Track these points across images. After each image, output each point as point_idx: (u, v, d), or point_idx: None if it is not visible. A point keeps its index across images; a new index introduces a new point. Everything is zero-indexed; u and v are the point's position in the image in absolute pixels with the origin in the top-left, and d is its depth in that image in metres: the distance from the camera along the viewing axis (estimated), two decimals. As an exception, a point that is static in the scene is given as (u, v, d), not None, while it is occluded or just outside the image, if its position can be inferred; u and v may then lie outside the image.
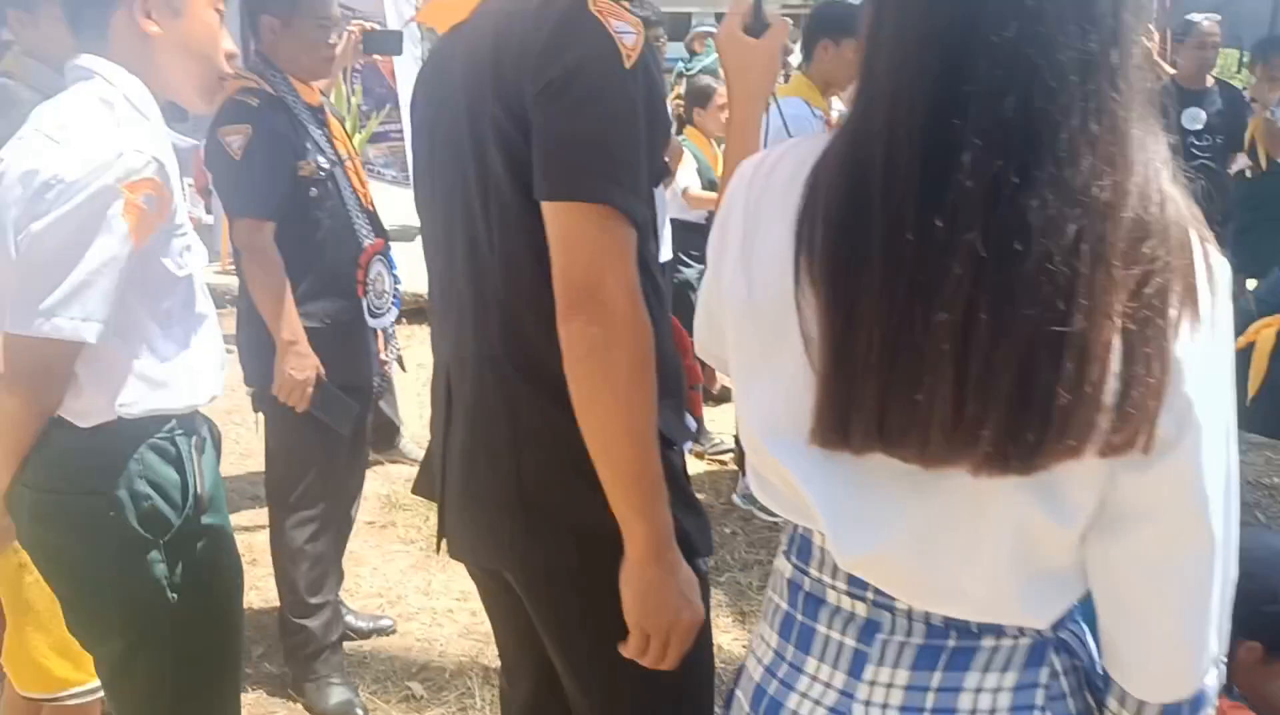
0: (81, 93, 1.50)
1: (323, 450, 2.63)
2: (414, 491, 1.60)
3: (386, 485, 3.96)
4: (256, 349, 2.55)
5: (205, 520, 1.60)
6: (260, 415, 2.67)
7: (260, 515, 3.55)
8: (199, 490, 1.57)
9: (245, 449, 3.96)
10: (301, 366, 2.49)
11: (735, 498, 4.02)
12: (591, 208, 1.11)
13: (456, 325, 1.32)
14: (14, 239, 1.42)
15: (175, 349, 1.55)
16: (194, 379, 1.57)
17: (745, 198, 0.91)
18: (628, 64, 1.12)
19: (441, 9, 1.29)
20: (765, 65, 1.29)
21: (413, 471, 4.15)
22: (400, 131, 6.92)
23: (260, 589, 3.10)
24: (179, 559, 1.56)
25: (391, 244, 2.77)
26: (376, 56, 5.37)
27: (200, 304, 1.61)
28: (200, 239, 1.66)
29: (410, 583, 3.26)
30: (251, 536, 3.41)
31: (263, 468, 3.07)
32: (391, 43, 3.31)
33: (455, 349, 1.34)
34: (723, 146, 1.46)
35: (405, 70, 6.87)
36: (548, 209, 1.14)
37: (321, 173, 2.52)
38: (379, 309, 2.71)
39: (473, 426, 1.32)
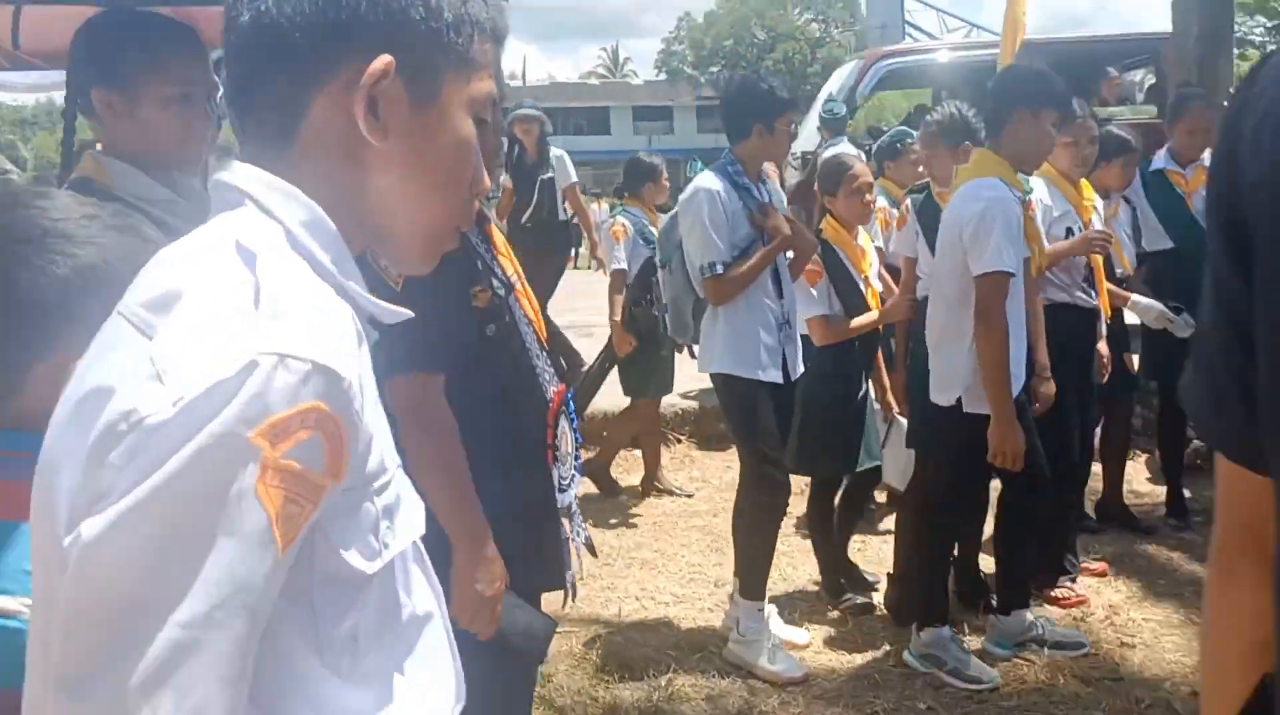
0: (214, 235, 0.81)
1: (511, 690, 1.87)
2: None
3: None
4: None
5: None
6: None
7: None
8: None
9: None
10: (490, 576, 1.75)
11: (906, 655, 3.31)
12: None
13: None
14: (65, 537, 0.70)
15: (365, 703, 0.84)
16: None
17: None
18: None
19: None
20: None
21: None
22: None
23: None
24: None
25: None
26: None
27: (413, 600, 0.90)
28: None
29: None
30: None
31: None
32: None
33: None
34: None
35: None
36: None
37: (497, 301, 1.83)
38: (565, 480, 1.99)
39: None
